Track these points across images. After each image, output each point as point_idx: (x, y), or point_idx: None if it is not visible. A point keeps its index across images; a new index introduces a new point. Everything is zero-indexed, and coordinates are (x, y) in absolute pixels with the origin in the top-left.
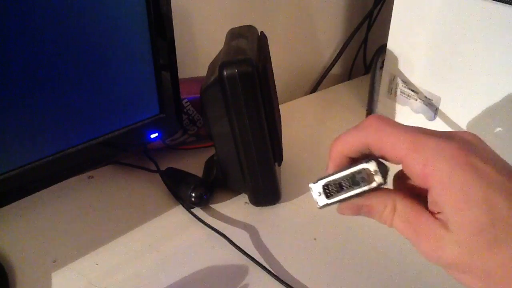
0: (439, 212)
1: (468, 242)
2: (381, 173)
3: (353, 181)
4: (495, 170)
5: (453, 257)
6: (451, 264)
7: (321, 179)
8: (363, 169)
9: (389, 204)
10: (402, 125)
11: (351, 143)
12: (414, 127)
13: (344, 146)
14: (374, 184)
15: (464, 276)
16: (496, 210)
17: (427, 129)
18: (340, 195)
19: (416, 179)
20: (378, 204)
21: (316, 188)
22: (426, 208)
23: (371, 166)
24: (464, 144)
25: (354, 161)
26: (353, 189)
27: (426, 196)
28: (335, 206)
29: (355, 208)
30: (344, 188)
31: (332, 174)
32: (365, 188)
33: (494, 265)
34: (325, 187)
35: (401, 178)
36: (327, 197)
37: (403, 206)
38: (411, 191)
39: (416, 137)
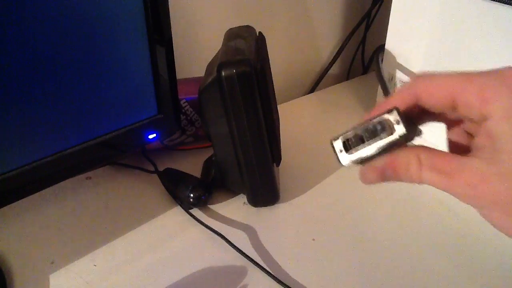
0: (478, 150)
1: None
2: (403, 123)
3: (374, 133)
4: None
5: (499, 192)
6: (494, 202)
7: (342, 134)
8: (384, 120)
9: (413, 159)
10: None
11: (398, 98)
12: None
13: (391, 103)
14: (395, 135)
15: (506, 218)
16: None
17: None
18: (361, 149)
19: (471, 111)
20: (402, 161)
21: (338, 145)
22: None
23: (392, 116)
24: None
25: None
26: (374, 142)
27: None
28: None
29: (379, 171)
30: (365, 142)
31: (353, 129)
32: (386, 140)
33: None
34: (346, 142)
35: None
36: (347, 151)
37: (428, 156)
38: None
39: (468, 73)
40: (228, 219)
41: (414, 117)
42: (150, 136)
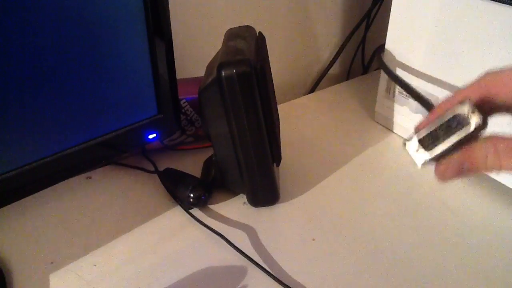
0: None
1: None
2: (478, 113)
3: (449, 127)
4: None
5: None
6: None
7: (416, 133)
8: (457, 114)
9: (489, 148)
10: None
11: (468, 91)
12: None
13: (461, 95)
14: (471, 127)
15: None
16: None
17: None
18: (438, 145)
19: None
20: (479, 153)
21: (413, 145)
22: None
23: (465, 107)
24: None
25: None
26: (449, 136)
27: None
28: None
29: (455, 167)
30: (440, 138)
31: (426, 127)
32: (462, 133)
33: None
34: (421, 142)
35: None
36: (426, 148)
37: (505, 143)
38: None
39: None
40: (228, 219)
41: (483, 110)
42: (150, 136)
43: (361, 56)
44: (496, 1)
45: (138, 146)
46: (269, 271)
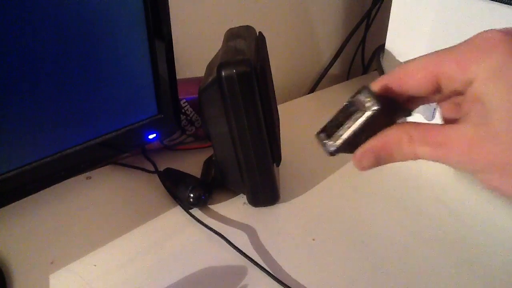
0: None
1: None
2: (374, 98)
3: (348, 114)
4: None
5: (494, 154)
6: (490, 164)
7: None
8: (354, 99)
9: (403, 135)
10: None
11: (378, 85)
12: None
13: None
14: (369, 111)
15: (506, 180)
16: None
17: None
18: (341, 132)
19: (455, 82)
20: (392, 140)
21: (321, 137)
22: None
23: (362, 94)
24: (494, 30)
25: None
26: (351, 122)
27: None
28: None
29: (371, 155)
30: (342, 124)
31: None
32: (362, 117)
33: None
34: (326, 130)
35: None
36: (329, 137)
37: (418, 130)
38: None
39: (440, 51)
40: (228, 219)
41: (402, 102)
42: (150, 136)
43: (361, 56)
44: (496, 1)
45: (138, 146)
46: (269, 271)
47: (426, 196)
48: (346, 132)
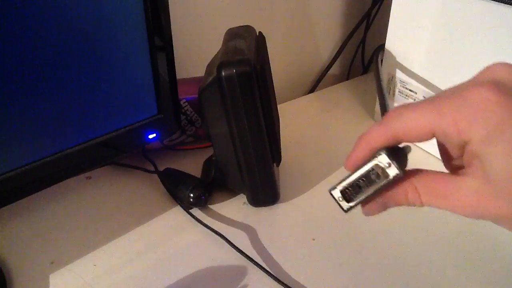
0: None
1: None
2: (396, 162)
3: (369, 180)
4: None
5: (501, 208)
6: (499, 217)
7: (339, 183)
8: (376, 165)
9: (408, 188)
10: (420, 101)
11: (376, 139)
12: (433, 96)
13: (369, 144)
14: (390, 179)
15: None
16: None
17: (446, 90)
18: (360, 196)
19: (452, 140)
20: (399, 193)
21: (336, 194)
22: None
23: (383, 159)
24: (491, 85)
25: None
26: (370, 187)
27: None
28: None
29: (379, 206)
30: (362, 188)
31: (348, 178)
32: (382, 184)
33: None
34: (344, 192)
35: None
36: (348, 201)
37: (423, 182)
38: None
39: (436, 103)
40: (228, 219)
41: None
42: (150, 136)
43: (361, 56)
44: (496, 1)
45: (138, 146)
46: (269, 271)
47: None
48: (364, 194)
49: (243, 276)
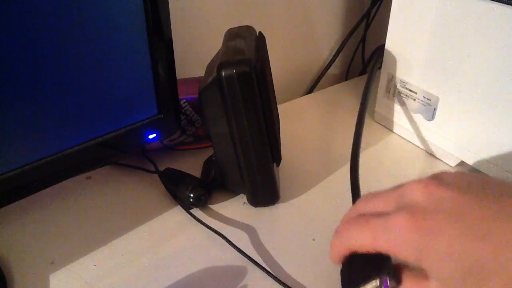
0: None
1: None
2: (394, 280)
3: None
4: (444, 216)
5: None
6: None
7: None
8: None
9: None
10: (363, 217)
11: (340, 254)
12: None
13: (338, 255)
14: None
15: None
16: (464, 255)
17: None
18: None
19: (412, 264)
20: None
21: None
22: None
23: (387, 274)
24: (409, 209)
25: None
26: None
27: None
28: None
29: None
30: None
31: None
32: None
33: None
34: None
35: None
36: None
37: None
38: None
39: (371, 227)
40: (228, 219)
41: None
42: (150, 136)
43: (361, 56)
44: (496, 1)
45: (138, 146)
46: (269, 271)
47: None
48: None
49: (243, 276)
